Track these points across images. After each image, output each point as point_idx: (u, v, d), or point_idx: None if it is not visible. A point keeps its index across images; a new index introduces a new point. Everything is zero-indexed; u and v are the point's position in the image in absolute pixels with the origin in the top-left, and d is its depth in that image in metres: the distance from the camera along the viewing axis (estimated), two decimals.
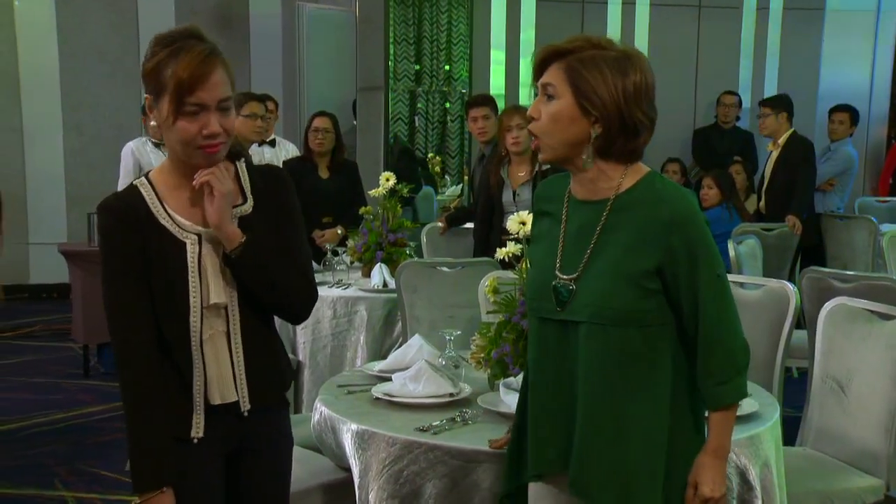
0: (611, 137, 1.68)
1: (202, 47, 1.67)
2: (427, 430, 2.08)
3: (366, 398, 2.34)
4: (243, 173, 1.83)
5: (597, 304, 1.68)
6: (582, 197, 1.75)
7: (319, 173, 4.79)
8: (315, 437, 2.34)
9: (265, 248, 1.76)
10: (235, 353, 1.78)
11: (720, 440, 1.73)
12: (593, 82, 1.65)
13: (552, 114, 1.69)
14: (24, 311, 7.23)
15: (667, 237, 1.65)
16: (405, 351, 2.61)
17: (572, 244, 1.74)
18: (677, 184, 1.75)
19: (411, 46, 8.39)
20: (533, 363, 1.82)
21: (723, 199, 5.38)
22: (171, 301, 1.72)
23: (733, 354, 1.71)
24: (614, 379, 1.69)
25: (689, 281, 1.67)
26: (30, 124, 7.65)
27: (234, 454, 1.84)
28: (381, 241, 3.99)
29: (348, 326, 3.75)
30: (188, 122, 1.67)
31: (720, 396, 1.71)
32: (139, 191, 1.76)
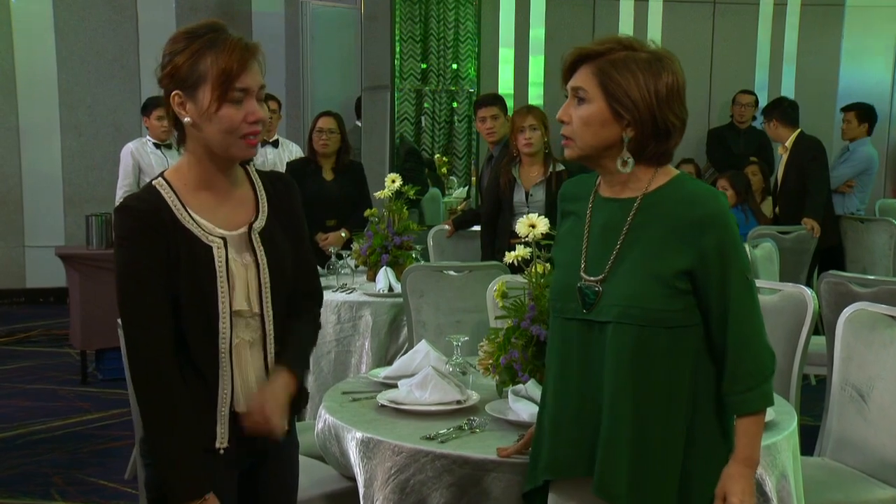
0: (643, 141, 1.70)
1: (238, 36, 1.72)
2: (434, 438, 2.08)
3: (371, 405, 2.34)
4: (256, 180, 1.85)
5: (624, 305, 1.69)
6: (608, 195, 1.77)
7: (324, 175, 4.80)
8: (319, 446, 2.35)
9: (286, 267, 1.80)
10: (270, 360, 1.79)
11: (749, 450, 1.73)
12: (625, 85, 1.67)
13: (584, 118, 1.71)
14: (20, 315, 7.26)
15: (699, 237, 1.67)
16: (411, 357, 2.62)
17: (597, 243, 1.76)
18: (708, 184, 1.77)
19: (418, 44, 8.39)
20: (554, 364, 1.82)
21: (738, 200, 5.39)
22: (199, 307, 1.71)
23: (761, 360, 1.71)
24: (637, 378, 1.70)
25: (720, 283, 1.68)
26: (27, 124, 7.68)
27: (249, 468, 1.84)
28: (387, 244, 4.00)
29: (353, 332, 3.75)
30: (233, 109, 1.69)
31: (747, 403, 1.71)
32: (159, 192, 1.74)
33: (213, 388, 1.74)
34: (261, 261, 1.77)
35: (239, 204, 1.80)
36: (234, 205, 1.79)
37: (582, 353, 1.76)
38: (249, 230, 1.78)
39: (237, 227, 1.77)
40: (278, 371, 1.81)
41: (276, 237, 1.80)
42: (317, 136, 4.75)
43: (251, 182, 1.84)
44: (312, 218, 4.66)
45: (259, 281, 1.77)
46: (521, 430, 2.14)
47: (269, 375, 1.80)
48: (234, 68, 1.67)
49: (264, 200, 1.82)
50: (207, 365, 1.73)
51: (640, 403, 1.70)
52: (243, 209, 1.80)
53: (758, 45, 7.89)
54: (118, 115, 7.65)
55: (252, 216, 1.80)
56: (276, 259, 1.79)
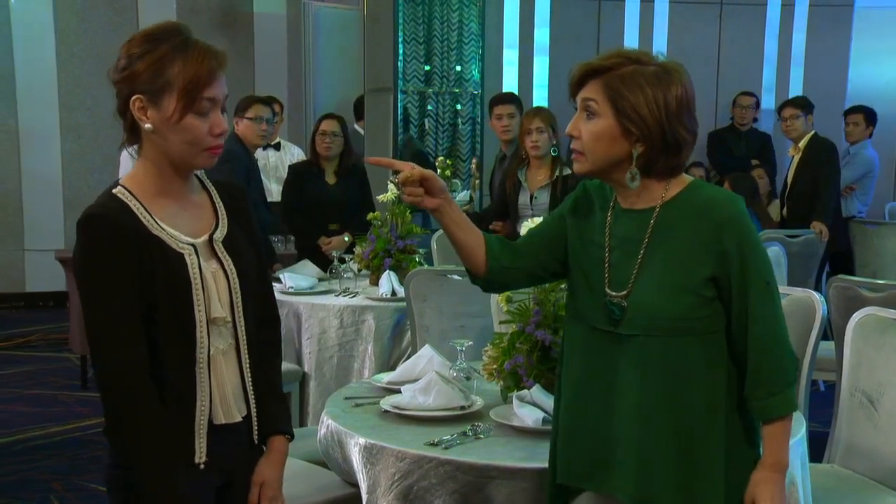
0: (653, 155, 1.71)
1: (205, 44, 1.69)
2: (438, 444, 2.09)
3: (374, 411, 2.34)
4: (210, 187, 1.83)
5: (650, 316, 1.71)
6: (626, 206, 1.78)
7: (326, 178, 4.81)
8: (321, 452, 2.35)
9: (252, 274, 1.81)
10: (246, 369, 1.79)
11: (777, 455, 1.74)
12: (634, 101, 1.68)
13: (594, 133, 1.72)
14: (19, 320, 7.27)
15: (718, 241, 1.68)
16: (415, 362, 2.62)
17: (619, 256, 1.77)
18: (723, 189, 1.77)
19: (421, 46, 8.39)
20: (575, 373, 1.82)
21: None
22: (176, 316, 1.68)
23: (783, 364, 1.72)
24: (673, 390, 1.70)
25: (740, 286, 1.69)
26: (26, 126, 7.70)
27: (224, 484, 1.81)
28: (390, 247, 4.00)
29: (355, 336, 3.76)
30: (199, 120, 1.66)
31: (769, 408, 1.72)
32: (121, 200, 1.69)
33: (190, 400, 1.70)
34: (228, 268, 1.75)
35: (199, 211, 1.78)
36: (193, 212, 1.77)
37: (608, 366, 1.77)
38: (211, 238, 1.76)
39: (199, 234, 1.75)
40: (275, 444, 1.85)
41: (238, 245, 1.80)
42: (320, 139, 4.76)
43: (206, 189, 1.83)
44: (315, 221, 4.75)
45: (229, 288, 1.75)
46: (525, 435, 2.14)
47: (245, 385, 1.79)
48: (202, 77, 1.65)
49: (222, 208, 1.81)
50: (184, 377, 1.70)
51: (679, 415, 1.71)
52: (203, 217, 1.78)
53: (765, 47, 7.88)
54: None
55: (212, 224, 1.78)
56: (242, 266, 1.78)
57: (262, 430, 1.84)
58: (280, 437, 1.87)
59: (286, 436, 1.88)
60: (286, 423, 1.90)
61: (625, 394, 1.74)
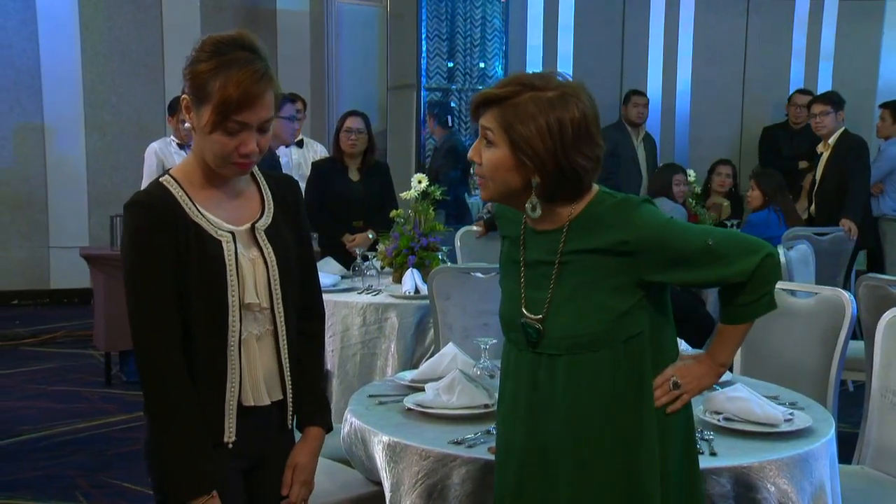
0: (551, 186, 1.70)
1: (257, 66, 1.70)
2: (461, 442, 2.09)
3: (397, 409, 2.35)
4: (261, 179, 1.89)
5: (569, 337, 1.72)
6: (536, 227, 1.79)
7: (350, 175, 4.82)
8: (344, 450, 2.36)
9: (292, 264, 1.86)
10: (284, 356, 1.84)
11: (729, 356, 1.81)
12: (526, 133, 1.66)
13: (491, 161, 1.71)
14: (44, 316, 7.34)
15: (624, 242, 1.68)
16: (438, 360, 2.62)
17: (532, 278, 1.78)
18: (616, 192, 1.77)
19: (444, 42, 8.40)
20: (507, 393, 1.85)
21: (765, 202, 5.31)
22: (209, 300, 1.74)
23: (755, 279, 1.72)
24: (604, 396, 1.72)
25: (673, 269, 1.70)
26: (51, 123, 7.76)
27: (252, 466, 1.87)
28: (413, 245, 4.01)
29: (378, 334, 3.77)
30: (226, 137, 1.71)
31: (745, 315, 1.77)
32: (167, 188, 1.77)
33: (220, 381, 1.76)
34: (268, 257, 1.81)
35: (245, 201, 1.84)
36: (239, 202, 1.83)
37: (529, 385, 1.78)
38: (253, 226, 1.81)
39: (242, 223, 1.81)
40: (312, 432, 1.94)
41: (281, 234, 1.85)
42: (344, 136, 4.77)
43: (256, 181, 1.89)
44: (338, 218, 4.76)
45: (268, 276, 1.81)
46: None
47: (282, 370, 1.84)
48: (234, 102, 1.67)
49: (270, 199, 1.87)
50: (215, 358, 1.76)
51: (613, 421, 1.72)
52: (248, 206, 1.84)
53: (793, 41, 7.80)
54: (143, 114, 7.72)
55: (257, 213, 1.84)
56: (283, 255, 1.83)
57: (302, 419, 1.92)
58: (317, 428, 1.94)
59: (324, 428, 1.95)
60: (325, 417, 1.96)
61: (551, 410, 1.75)
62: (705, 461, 1.98)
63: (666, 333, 1.79)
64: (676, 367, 1.78)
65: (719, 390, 2.28)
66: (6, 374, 5.67)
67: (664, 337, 1.78)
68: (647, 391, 1.74)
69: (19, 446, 4.36)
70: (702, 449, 2.05)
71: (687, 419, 1.82)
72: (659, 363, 1.76)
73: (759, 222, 5.21)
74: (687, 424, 1.82)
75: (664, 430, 1.75)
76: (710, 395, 2.25)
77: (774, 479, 1.99)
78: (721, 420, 2.21)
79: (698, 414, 2.22)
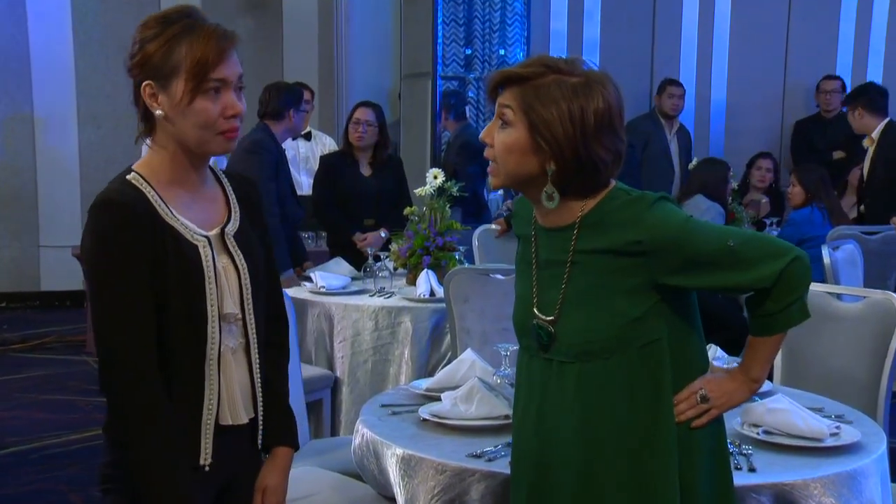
0: (567, 175, 1.70)
1: (214, 24, 1.74)
2: (481, 455, 2.09)
3: (412, 420, 2.35)
4: (223, 178, 1.88)
5: (581, 342, 1.73)
6: (546, 225, 1.79)
7: (361, 170, 4.84)
8: (355, 463, 2.37)
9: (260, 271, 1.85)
10: (255, 369, 1.83)
11: (764, 370, 1.79)
12: (547, 116, 1.67)
13: (505, 143, 1.72)
14: (34, 320, 7.39)
15: (637, 242, 1.68)
16: (455, 367, 2.63)
17: (544, 278, 1.79)
18: (632, 189, 1.77)
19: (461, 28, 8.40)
20: (520, 400, 1.86)
21: (807, 199, 5.27)
22: (188, 311, 1.72)
23: (791, 280, 1.70)
24: (617, 406, 1.72)
25: (690, 271, 1.69)
26: (42, 115, 7.81)
27: (222, 491, 1.85)
28: (428, 244, 4.01)
29: (391, 339, 3.78)
30: (208, 101, 1.70)
31: (773, 325, 1.75)
32: (137, 186, 1.73)
33: (197, 399, 1.75)
34: (239, 264, 1.80)
35: (211, 203, 1.83)
36: (207, 203, 1.82)
37: (540, 393, 1.79)
38: (223, 231, 1.80)
39: (211, 227, 1.80)
40: (280, 452, 1.92)
41: (249, 239, 1.84)
42: (353, 128, 4.79)
43: (219, 182, 1.87)
44: (348, 216, 4.78)
45: (240, 284, 1.79)
46: None
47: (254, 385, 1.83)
48: (210, 58, 1.68)
49: (234, 201, 1.86)
50: (193, 374, 1.74)
51: (625, 431, 1.72)
52: (216, 209, 1.83)
53: (840, 25, 7.74)
54: None
55: (224, 216, 1.83)
56: (253, 262, 1.83)
57: (267, 438, 1.90)
58: (285, 448, 1.94)
59: (292, 447, 1.95)
60: (293, 435, 1.96)
61: (562, 418, 1.76)
62: (743, 477, 1.98)
63: (690, 343, 1.78)
64: (706, 380, 1.77)
65: (758, 401, 2.28)
66: None
67: (688, 346, 1.77)
68: (665, 403, 1.73)
69: (7, 459, 4.38)
70: (739, 464, 2.05)
71: (716, 433, 1.80)
72: (681, 374, 1.75)
73: (802, 220, 5.19)
74: (716, 438, 1.81)
75: (688, 444, 1.75)
76: (748, 407, 2.24)
77: (820, 499, 1.98)
78: (760, 433, 2.20)
79: (735, 426, 2.22)
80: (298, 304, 3.79)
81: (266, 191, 4.28)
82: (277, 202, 4.36)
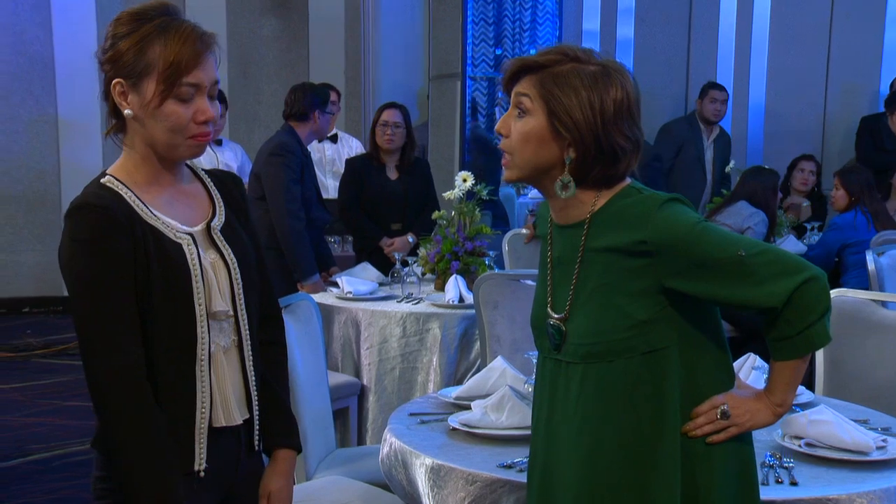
0: (586, 163, 1.71)
1: (192, 24, 1.71)
2: (512, 466, 2.08)
3: (441, 429, 2.35)
4: (204, 176, 1.87)
5: (587, 344, 1.73)
6: (559, 221, 1.80)
7: (387, 173, 4.85)
8: (383, 473, 2.37)
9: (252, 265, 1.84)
10: (249, 368, 1.82)
11: (790, 394, 1.74)
12: (566, 101, 1.68)
13: (523, 133, 1.73)
14: (57, 325, 7.46)
15: (643, 242, 1.66)
16: (486, 375, 2.62)
17: (558, 276, 1.80)
18: (646, 188, 1.76)
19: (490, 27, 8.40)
20: (535, 402, 1.88)
21: (850, 202, 5.21)
22: (173, 312, 1.70)
23: (793, 307, 1.65)
24: (618, 411, 1.71)
25: (697, 277, 1.66)
26: (66, 117, 7.90)
27: (223, 500, 1.84)
28: (457, 249, 4.01)
29: (419, 346, 3.78)
30: (179, 106, 1.68)
31: (790, 350, 1.70)
32: (113, 189, 1.72)
33: (189, 402, 1.73)
34: (228, 259, 1.78)
35: (193, 200, 1.82)
36: (187, 201, 1.81)
37: (551, 394, 1.80)
38: (209, 226, 1.79)
39: (195, 223, 1.79)
40: (282, 455, 1.90)
41: (237, 234, 1.83)
42: (380, 131, 4.79)
43: (200, 179, 1.87)
44: (375, 220, 4.79)
45: (230, 280, 1.78)
46: None
47: (248, 385, 1.81)
48: (184, 61, 1.66)
49: (218, 197, 1.85)
50: (183, 377, 1.72)
51: (625, 438, 1.71)
52: (199, 206, 1.82)
53: (886, 23, 7.65)
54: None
55: (208, 212, 1.82)
56: (243, 257, 1.82)
57: (268, 440, 1.89)
58: (287, 450, 1.92)
59: (294, 449, 1.93)
60: (295, 436, 1.94)
61: (566, 421, 1.77)
62: (784, 491, 1.96)
63: (705, 354, 1.75)
64: (730, 395, 1.75)
65: (800, 412, 2.25)
66: (16, 387, 5.78)
67: (702, 358, 1.74)
68: (670, 414, 1.71)
69: (29, 467, 4.42)
70: (781, 478, 2.03)
71: (739, 454, 1.77)
72: (692, 386, 1.73)
73: (845, 225, 5.13)
74: (741, 460, 1.77)
75: (707, 463, 1.72)
76: (789, 418, 2.22)
77: None
78: (802, 446, 2.17)
79: (776, 438, 2.20)
80: (325, 310, 3.80)
81: (291, 195, 4.30)
82: (302, 206, 4.38)
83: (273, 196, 4.32)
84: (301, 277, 4.28)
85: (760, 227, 5.02)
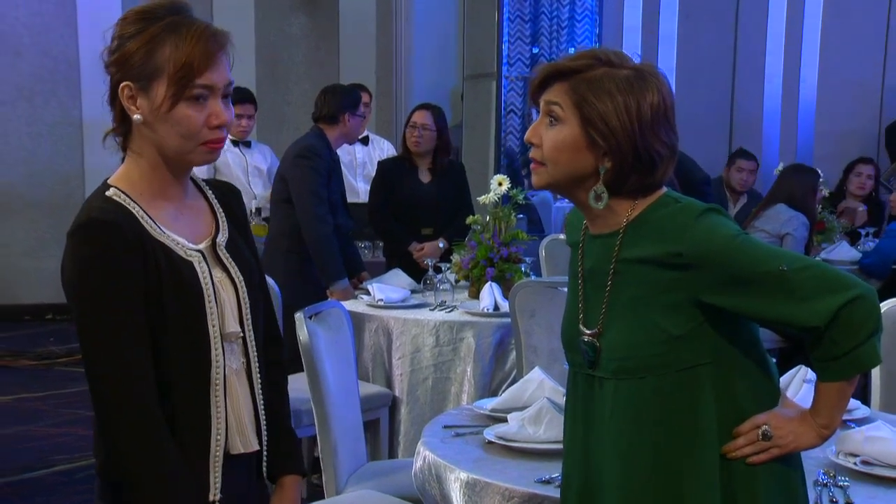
0: (623, 172, 1.69)
1: (204, 23, 1.68)
2: (550, 482, 2.08)
3: (477, 442, 2.35)
4: (206, 189, 1.84)
5: (620, 358, 1.72)
6: (593, 231, 1.79)
7: (420, 176, 4.85)
8: (417, 487, 2.37)
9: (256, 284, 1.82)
10: (258, 392, 1.79)
11: (827, 419, 1.70)
12: (602, 108, 1.66)
13: (556, 141, 1.71)
14: None
15: (678, 255, 1.65)
16: (522, 387, 2.62)
17: (590, 289, 1.79)
18: (682, 196, 1.74)
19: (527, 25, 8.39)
20: (567, 420, 1.87)
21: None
22: (186, 334, 1.67)
23: (838, 326, 1.62)
24: (653, 429, 1.70)
25: (734, 292, 1.64)
26: (91, 120, 7.98)
27: None
28: (492, 256, 4.01)
29: (453, 356, 3.77)
30: (192, 109, 1.64)
31: (835, 372, 1.66)
32: (119, 203, 1.67)
33: (204, 428, 1.70)
34: (236, 277, 1.75)
35: (198, 214, 1.79)
36: (193, 215, 1.77)
37: (583, 411, 1.80)
38: (214, 243, 1.76)
39: (200, 240, 1.75)
40: (288, 482, 1.87)
41: (241, 251, 1.81)
42: (409, 132, 4.81)
43: (202, 191, 1.84)
44: (406, 225, 4.80)
45: (238, 299, 1.75)
46: None
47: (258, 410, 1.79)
48: (196, 62, 1.62)
49: (221, 211, 1.82)
50: (198, 402, 1.69)
51: (661, 457, 1.69)
52: (203, 221, 1.79)
53: None
54: None
55: (211, 228, 1.79)
56: (248, 275, 1.79)
57: (274, 466, 1.85)
58: (294, 476, 1.89)
59: (299, 474, 1.91)
60: (300, 461, 1.92)
61: (602, 439, 1.76)
62: None
63: (743, 373, 1.72)
64: (772, 415, 1.72)
65: (856, 428, 2.22)
66: (39, 396, 5.85)
67: (741, 377, 1.72)
68: (706, 434, 1.69)
69: (54, 478, 4.47)
70: (835, 497, 2.01)
71: (784, 477, 1.74)
72: (732, 408, 1.71)
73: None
74: (786, 483, 1.74)
75: (749, 479, 1.70)
76: (844, 434, 2.19)
77: None
78: (858, 464, 2.15)
79: (830, 455, 2.17)
80: (355, 317, 3.80)
81: (318, 199, 4.31)
82: (329, 210, 4.38)
83: (300, 199, 4.33)
84: (329, 282, 4.28)
85: (801, 230, 4.94)
